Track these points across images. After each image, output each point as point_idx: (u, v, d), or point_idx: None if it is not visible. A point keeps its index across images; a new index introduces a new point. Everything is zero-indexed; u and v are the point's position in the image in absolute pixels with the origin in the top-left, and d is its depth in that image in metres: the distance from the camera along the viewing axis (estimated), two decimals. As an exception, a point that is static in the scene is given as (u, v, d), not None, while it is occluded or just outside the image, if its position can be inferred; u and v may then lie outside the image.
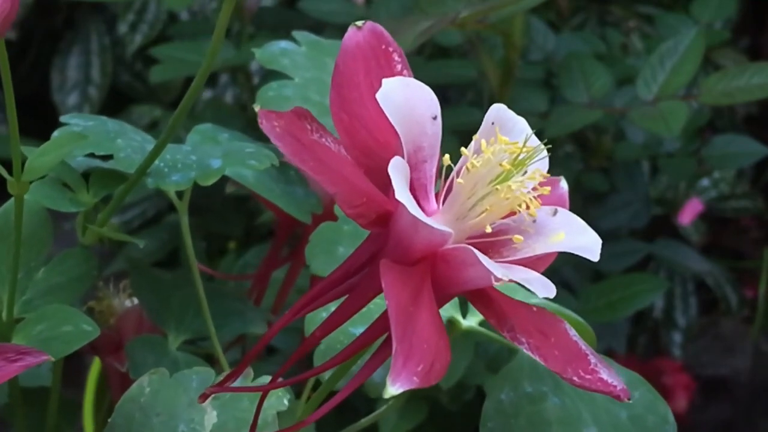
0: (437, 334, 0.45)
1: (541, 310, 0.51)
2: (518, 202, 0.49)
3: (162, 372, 0.58)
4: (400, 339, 0.43)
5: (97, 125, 0.66)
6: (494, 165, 0.48)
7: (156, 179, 0.63)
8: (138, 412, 0.56)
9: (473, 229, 0.49)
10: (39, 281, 0.62)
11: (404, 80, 0.49)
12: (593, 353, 0.50)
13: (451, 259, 0.48)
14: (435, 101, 0.50)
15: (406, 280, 0.46)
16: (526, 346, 0.48)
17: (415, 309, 0.45)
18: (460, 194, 0.49)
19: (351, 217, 0.47)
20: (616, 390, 0.48)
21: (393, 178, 0.46)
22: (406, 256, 0.48)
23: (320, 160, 0.47)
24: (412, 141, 0.49)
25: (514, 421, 0.58)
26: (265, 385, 0.55)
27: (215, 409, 0.57)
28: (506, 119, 0.52)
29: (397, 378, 0.42)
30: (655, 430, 0.59)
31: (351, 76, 0.50)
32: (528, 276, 0.47)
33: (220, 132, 0.74)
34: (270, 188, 0.71)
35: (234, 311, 0.79)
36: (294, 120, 0.47)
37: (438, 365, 0.44)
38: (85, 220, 0.66)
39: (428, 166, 0.50)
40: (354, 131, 0.50)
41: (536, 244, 0.49)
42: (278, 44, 0.76)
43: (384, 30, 0.52)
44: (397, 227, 0.48)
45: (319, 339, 0.51)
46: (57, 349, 0.56)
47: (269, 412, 0.57)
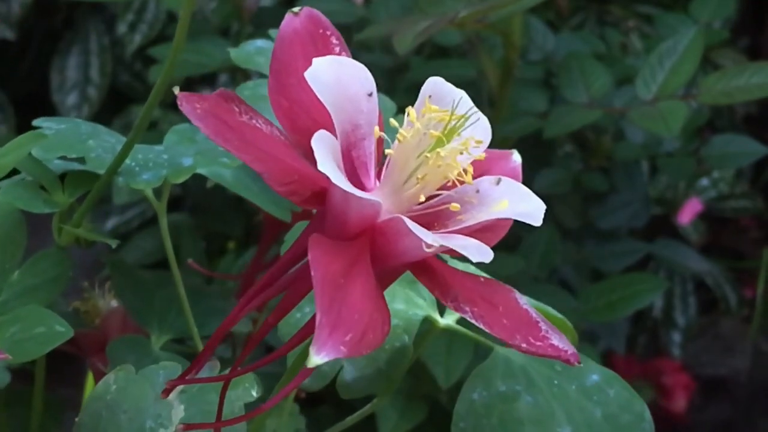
0: (372, 306, 0.45)
1: (489, 281, 0.51)
2: (452, 170, 0.49)
3: (128, 368, 0.58)
4: (327, 309, 0.43)
5: (70, 128, 0.67)
6: (424, 134, 0.49)
7: (127, 178, 0.64)
8: (105, 410, 0.56)
9: (410, 201, 0.49)
10: (14, 283, 0.62)
11: (335, 58, 0.49)
12: (545, 321, 0.50)
13: (387, 231, 0.48)
14: (369, 78, 0.50)
15: (337, 253, 0.46)
16: (470, 315, 0.48)
17: (347, 281, 0.45)
18: (394, 167, 0.49)
19: (283, 195, 0.47)
20: (566, 354, 0.48)
21: (315, 151, 0.46)
22: (343, 231, 0.48)
23: (245, 140, 0.47)
24: (348, 119, 0.49)
25: (486, 420, 0.58)
26: (225, 375, 0.54)
27: (182, 403, 0.57)
28: (443, 92, 0.52)
29: (323, 347, 0.42)
30: (631, 427, 0.59)
31: (289, 62, 0.51)
32: (463, 242, 0.47)
33: (198, 131, 0.74)
34: (248, 187, 0.72)
35: (216, 310, 0.80)
36: (219, 102, 0.47)
37: (371, 335, 0.44)
38: (62, 220, 0.66)
39: (367, 144, 0.50)
40: (294, 115, 0.50)
41: (479, 214, 0.50)
42: (254, 43, 0.75)
43: (321, 15, 0.52)
44: (331, 203, 0.49)
45: (273, 325, 0.52)
46: (30, 351, 0.56)
47: (236, 403, 0.57)
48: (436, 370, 1.00)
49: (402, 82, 1.27)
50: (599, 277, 1.31)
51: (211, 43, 1.22)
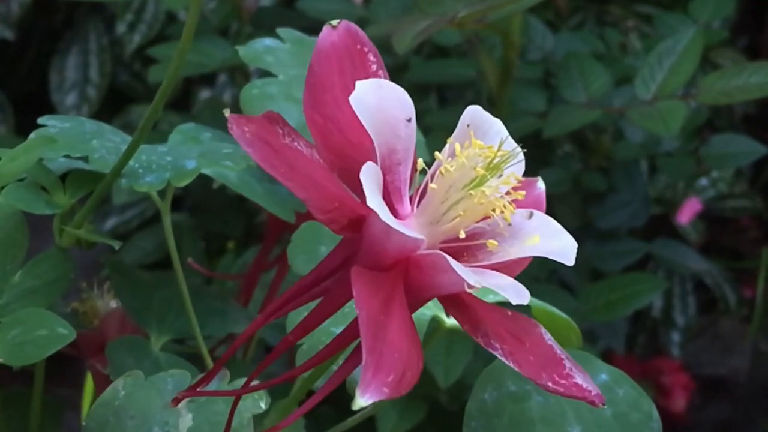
0: (409, 342, 0.45)
1: (515, 315, 0.51)
2: (492, 206, 0.48)
3: (136, 374, 0.58)
4: (370, 350, 0.43)
5: (74, 126, 0.67)
6: (468, 169, 0.48)
7: (130, 180, 0.63)
8: (112, 416, 0.56)
9: (447, 234, 0.49)
10: (15, 285, 0.62)
11: (377, 82, 0.49)
12: (568, 358, 0.50)
13: (424, 265, 0.48)
14: (409, 103, 0.50)
15: (377, 287, 0.46)
16: (500, 352, 0.48)
17: (386, 317, 0.45)
18: (434, 199, 0.49)
19: (322, 222, 0.47)
20: (590, 395, 0.48)
21: (365, 185, 0.45)
22: (378, 262, 0.48)
23: (291, 166, 0.46)
24: (386, 143, 0.49)
25: (497, 420, 0.58)
26: (237, 389, 0.54)
27: (190, 412, 0.56)
28: (482, 121, 0.52)
29: (366, 389, 0.42)
30: (640, 427, 0.59)
31: (325, 77, 0.50)
32: (501, 282, 0.47)
33: (203, 131, 0.73)
34: (253, 188, 0.71)
35: (215, 311, 0.80)
36: (265, 125, 0.47)
37: (409, 374, 0.44)
38: (63, 222, 0.65)
39: (402, 169, 0.50)
40: (328, 133, 0.49)
41: (511, 248, 0.49)
42: (263, 42, 0.75)
43: (359, 30, 0.52)
44: (370, 233, 0.48)
45: (292, 343, 0.51)
46: (32, 353, 0.56)
47: (245, 415, 0.57)
48: (436, 370, 1.00)
49: (401, 82, 1.27)
50: (599, 276, 1.31)
51: (210, 43, 1.22)
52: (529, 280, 1.25)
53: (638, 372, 1.47)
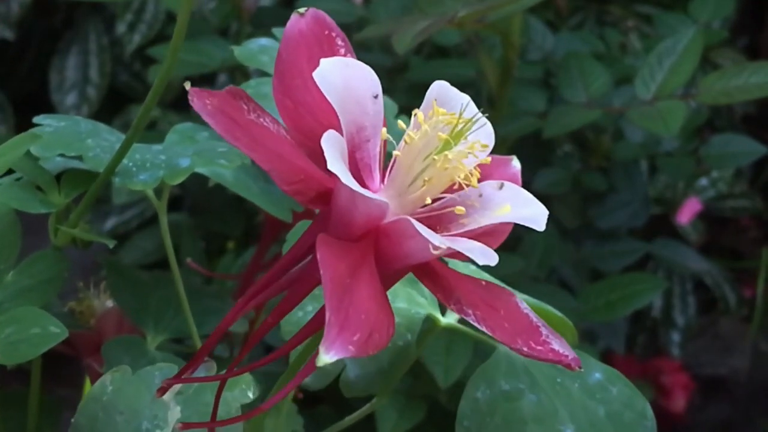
0: (378, 307, 0.45)
1: (490, 285, 0.52)
2: (458, 172, 0.49)
3: (124, 369, 0.58)
4: (335, 309, 0.43)
5: (69, 126, 0.67)
6: (431, 137, 0.49)
7: (123, 178, 0.64)
8: (101, 411, 0.56)
9: (416, 203, 0.49)
10: (8, 284, 0.62)
11: (342, 60, 0.50)
12: (545, 326, 0.50)
13: (392, 232, 0.48)
14: (376, 80, 0.50)
15: (344, 254, 0.46)
16: (472, 318, 0.49)
17: (354, 281, 0.45)
18: (400, 169, 0.49)
19: (289, 194, 0.47)
20: (567, 359, 0.49)
21: (326, 151, 0.46)
22: (348, 232, 0.48)
23: (254, 138, 0.47)
24: (353, 121, 0.49)
25: (489, 419, 0.58)
26: (221, 374, 0.54)
27: (179, 405, 0.56)
28: (448, 96, 0.52)
29: (331, 346, 0.42)
30: (633, 425, 0.59)
31: (294, 63, 0.51)
32: (468, 245, 0.47)
33: (200, 131, 0.74)
34: (248, 187, 0.72)
35: (213, 310, 0.80)
36: (228, 99, 0.47)
37: (377, 336, 0.44)
38: (59, 221, 0.65)
39: (371, 145, 0.50)
40: (298, 117, 0.50)
41: (482, 218, 0.50)
42: (257, 41, 0.75)
43: (326, 16, 0.52)
44: (337, 203, 0.49)
45: (272, 325, 0.52)
46: (25, 352, 0.56)
47: (233, 404, 0.57)
48: (436, 369, 0.99)
49: (401, 81, 1.27)
50: (598, 276, 1.31)
51: (210, 43, 1.22)
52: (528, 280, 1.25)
53: (638, 372, 1.47)
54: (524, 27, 1.27)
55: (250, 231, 1.24)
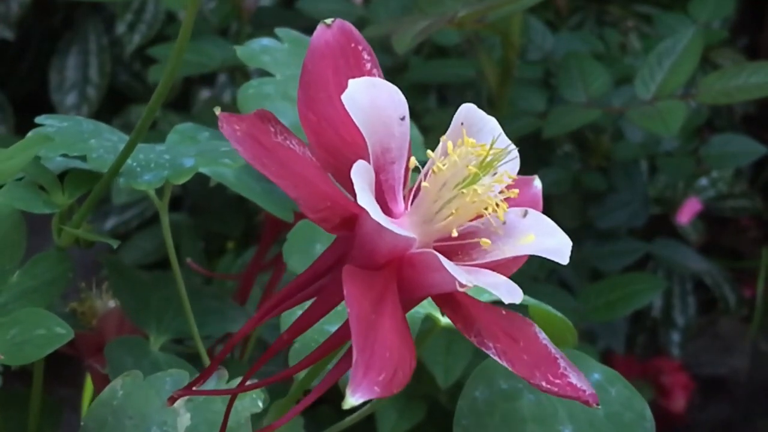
0: (400, 342, 0.45)
1: (510, 314, 0.51)
2: (485, 205, 0.48)
3: (135, 374, 0.58)
4: (361, 349, 0.43)
5: (72, 126, 0.67)
6: (460, 168, 0.48)
7: (128, 179, 0.63)
8: (110, 416, 0.56)
9: (440, 233, 0.49)
10: (13, 285, 0.62)
11: (370, 80, 0.49)
12: (563, 357, 0.50)
13: (417, 264, 0.48)
14: (403, 102, 0.49)
15: (368, 287, 0.46)
16: (493, 351, 0.48)
17: (378, 316, 0.45)
18: (426, 197, 0.48)
19: (314, 221, 0.47)
20: (584, 395, 0.48)
21: (355, 183, 0.45)
22: (371, 261, 0.48)
23: (282, 164, 0.46)
24: (379, 142, 0.49)
25: (488, 419, 0.58)
26: (233, 388, 0.54)
27: (188, 412, 0.56)
28: (475, 119, 0.51)
29: (357, 388, 0.42)
30: (633, 426, 0.59)
31: (319, 76, 0.50)
32: (494, 281, 0.47)
33: (201, 131, 0.73)
34: (250, 187, 0.71)
35: (213, 310, 0.80)
36: (256, 123, 0.47)
37: (401, 374, 0.44)
38: (62, 221, 0.65)
39: (396, 167, 0.50)
40: (321, 131, 0.49)
41: (505, 247, 0.49)
42: (260, 41, 0.75)
43: (353, 28, 0.52)
44: (362, 231, 0.48)
45: (287, 342, 0.51)
46: (30, 353, 0.56)
47: (242, 414, 0.57)
48: (436, 369, 1.00)
49: (401, 81, 1.27)
50: (598, 276, 1.31)
51: (210, 43, 1.22)
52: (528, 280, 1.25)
53: (638, 372, 1.47)
54: (524, 27, 1.27)
55: (250, 231, 1.24)
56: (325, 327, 0.59)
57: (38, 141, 0.60)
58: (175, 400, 0.54)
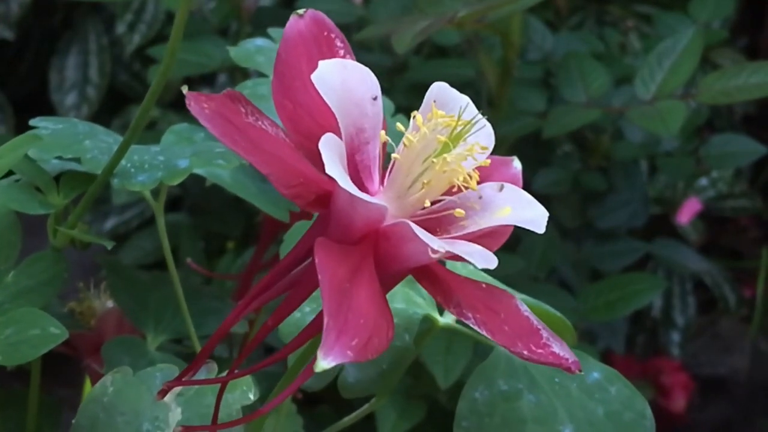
0: (377, 311, 0.45)
1: (490, 287, 0.51)
2: (457, 175, 0.49)
3: (125, 371, 0.58)
4: (334, 313, 0.43)
5: (67, 128, 0.67)
6: (430, 139, 0.49)
7: (122, 179, 0.64)
8: (102, 412, 0.56)
9: (415, 206, 0.49)
10: (8, 285, 0.62)
11: (341, 62, 0.49)
12: (546, 328, 0.50)
13: (391, 235, 0.48)
14: (375, 82, 0.50)
15: (343, 257, 0.46)
16: (472, 321, 0.49)
17: (352, 285, 0.45)
18: (399, 171, 0.49)
19: (288, 197, 0.47)
20: (567, 362, 0.49)
21: (323, 154, 0.46)
22: (347, 235, 0.48)
23: (252, 142, 0.47)
24: (353, 123, 0.49)
25: (488, 419, 0.58)
26: (222, 377, 0.54)
27: (180, 406, 0.56)
28: (447, 98, 0.52)
29: (330, 351, 0.42)
30: (633, 425, 0.59)
31: (293, 64, 0.51)
32: (468, 249, 0.47)
33: (196, 131, 0.74)
34: (246, 187, 0.72)
35: (212, 310, 0.80)
36: (226, 102, 0.47)
37: (376, 340, 0.44)
38: (58, 222, 0.65)
39: (371, 147, 0.50)
40: (298, 118, 0.50)
41: (482, 220, 0.50)
42: (254, 42, 0.75)
43: (325, 17, 0.52)
44: (336, 206, 0.48)
45: (272, 328, 0.51)
46: (25, 353, 0.56)
47: (234, 406, 0.57)
48: (435, 369, 1.00)
49: (401, 81, 1.27)
50: (598, 276, 1.31)
51: (210, 43, 1.22)
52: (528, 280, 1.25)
53: (638, 372, 1.47)
54: (524, 27, 1.27)
55: (249, 231, 1.24)
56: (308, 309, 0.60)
57: (27, 141, 0.60)
58: (165, 392, 0.54)
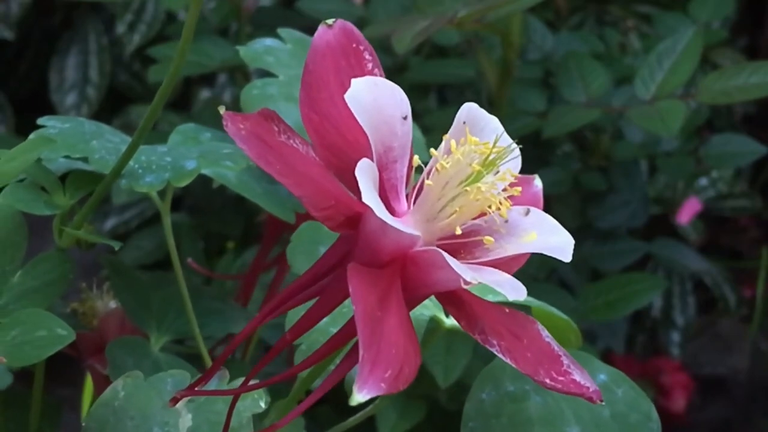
0: (406, 338, 0.45)
1: (513, 312, 0.51)
2: (488, 203, 0.48)
3: (136, 375, 0.58)
4: (368, 345, 0.43)
5: (73, 127, 0.67)
6: (464, 166, 0.48)
7: (130, 180, 0.63)
8: (112, 416, 0.56)
9: (443, 231, 0.49)
10: (14, 285, 0.62)
11: (373, 80, 0.49)
12: (566, 355, 0.50)
13: (421, 262, 0.48)
14: (405, 101, 0.50)
15: (373, 284, 0.46)
16: (497, 349, 0.48)
17: (383, 313, 0.45)
18: (430, 196, 0.49)
19: (319, 219, 0.47)
20: (588, 392, 0.48)
21: (360, 181, 0.45)
22: (375, 259, 0.48)
23: (286, 163, 0.46)
24: (382, 141, 0.49)
25: (495, 420, 0.58)
26: (235, 388, 0.54)
27: (190, 412, 0.56)
28: (478, 118, 0.52)
29: (364, 385, 0.42)
30: (638, 427, 0.59)
31: (321, 76, 0.50)
32: (498, 278, 0.47)
33: (203, 132, 0.73)
34: (252, 187, 0.72)
35: (214, 311, 0.80)
36: (260, 122, 0.47)
37: (407, 370, 0.44)
38: (63, 222, 0.65)
39: (399, 166, 0.50)
40: (324, 131, 0.50)
41: (508, 245, 0.49)
42: (263, 42, 0.75)
43: (354, 28, 0.52)
44: (366, 230, 0.48)
45: (290, 341, 0.51)
46: (31, 354, 0.56)
47: (244, 414, 0.57)
48: (436, 369, 1.00)
49: (401, 82, 1.27)
50: (598, 276, 1.31)
51: (210, 43, 1.22)
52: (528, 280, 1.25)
53: (638, 372, 1.47)
54: (524, 27, 1.27)
55: (249, 231, 1.24)
56: (330, 329, 0.60)
57: (40, 143, 0.60)
58: (178, 400, 0.54)
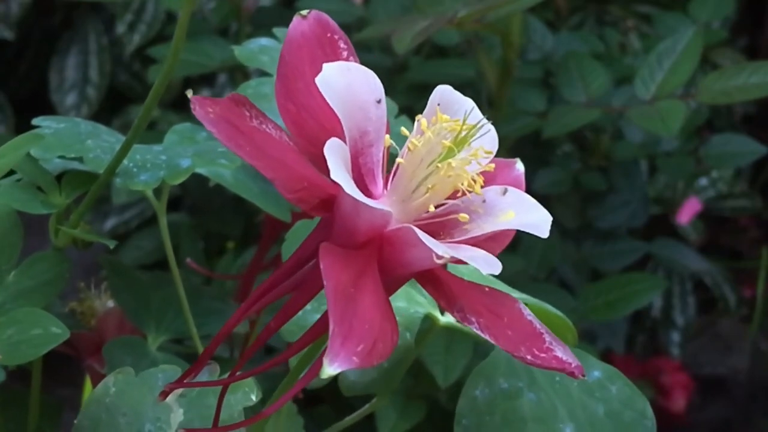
0: (381, 316, 0.45)
1: (493, 291, 0.51)
2: (461, 180, 0.48)
3: (127, 371, 0.58)
4: (339, 320, 0.43)
5: (69, 127, 0.67)
6: (435, 144, 0.48)
7: (124, 179, 0.64)
8: (104, 413, 0.56)
9: (419, 210, 0.49)
10: (9, 285, 0.62)
11: (345, 65, 0.49)
12: (549, 332, 0.50)
13: (395, 240, 0.48)
14: (378, 85, 0.50)
15: (347, 263, 0.46)
16: (476, 326, 0.48)
17: (357, 290, 0.45)
18: (403, 175, 0.49)
19: (292, 202, 0.47)
20: (570, 367, 0.48)
21: (329, 159, 0.45)
22: (351, 240, 0.48)
23: (257, 146, 0.46)
24: (356, 126, 0.49)
25: (488, 417, 0.58)
26: (224, 379, 0.54)
27: (182, 407, 0.57)
28: (452, 101, 0.52)
29: (335, 358, 0.42)
30: (633, 425, 0.58)
31: (296, 66, 0.50)
32: (472, 254, 0.47)
33: (199, 131, 0.74)
34: (248, 187, 0.72)
35: (214, 310, 0.80)
36: (231, 106, 0.47)
37: (381, 345, 0.44)
38: (60, 221, 0.65)
39: (375, 150, 0.50)
40: (301, 121, 0.50)
41: (485, 224, 0.49)
42: (258, 41, 0.75)
43: (329, 18, 0.52)
44: (340, 211, 0.48)
45: (275, 330, 0.51)
46: (27, 353, 0.56)
47: (236, 407, 0.57)
48: (435, 369, 1.00)
49: (401, 82, 1.27)
50: (598, 276, 1.31)
51: (210, 43, 1.22)
52: (528, 280, 1.25)
53: (638, 372, 1.47)
54: (524, 27, 1.27)
55: (249, 231, 1.24)
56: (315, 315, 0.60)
57: (29, 140, 0.60)
58: (167, 393, 0.54)
